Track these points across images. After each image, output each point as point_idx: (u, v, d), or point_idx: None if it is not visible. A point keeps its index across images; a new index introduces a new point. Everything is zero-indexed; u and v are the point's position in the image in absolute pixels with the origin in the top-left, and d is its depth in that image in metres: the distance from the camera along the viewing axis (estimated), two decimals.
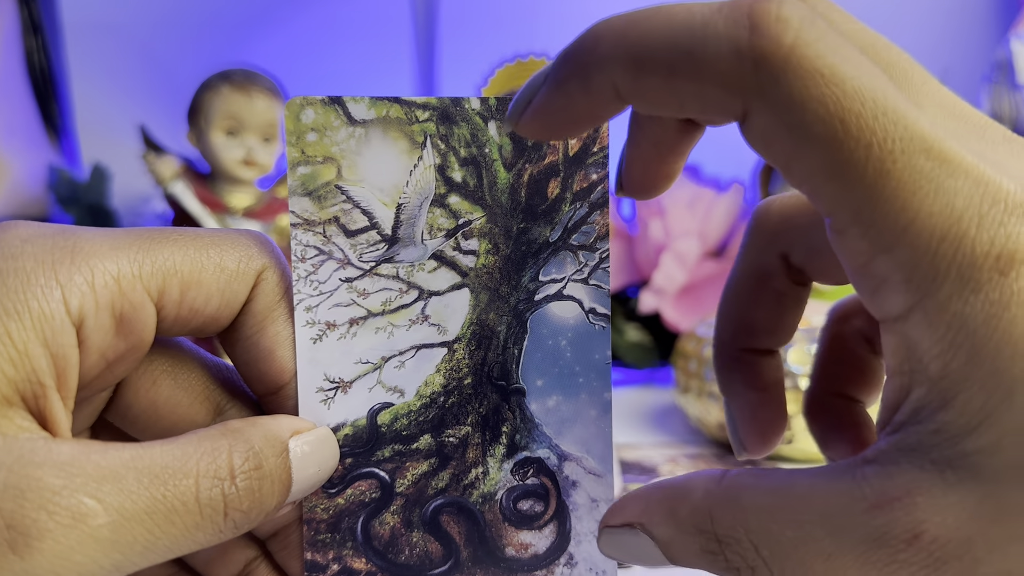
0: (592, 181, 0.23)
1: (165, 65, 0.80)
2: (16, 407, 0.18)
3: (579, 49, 0.19)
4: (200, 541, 0.19)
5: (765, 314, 0.25)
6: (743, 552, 0.19)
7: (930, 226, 0.16)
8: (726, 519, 0.19)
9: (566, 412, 0.24)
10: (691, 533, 0.19)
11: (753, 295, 0.25)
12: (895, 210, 0.16)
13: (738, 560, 0.19)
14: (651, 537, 0.20)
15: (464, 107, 0.23)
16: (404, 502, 0.23)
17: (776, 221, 0.24)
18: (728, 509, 0.19)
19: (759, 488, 0.19)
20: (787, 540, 0.18)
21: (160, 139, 0.63)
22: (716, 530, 0.19)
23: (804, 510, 0.18)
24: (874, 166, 0.16)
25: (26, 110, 0.78)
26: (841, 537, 0.17)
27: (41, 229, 0.20)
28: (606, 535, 0.21)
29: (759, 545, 0.18)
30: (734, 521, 0.19)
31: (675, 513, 0.20)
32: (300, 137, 0.22)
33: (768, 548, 0.18)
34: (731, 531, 0.19)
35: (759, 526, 0.18)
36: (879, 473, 0.17)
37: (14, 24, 0.76)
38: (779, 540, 0.18)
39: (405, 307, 0.23)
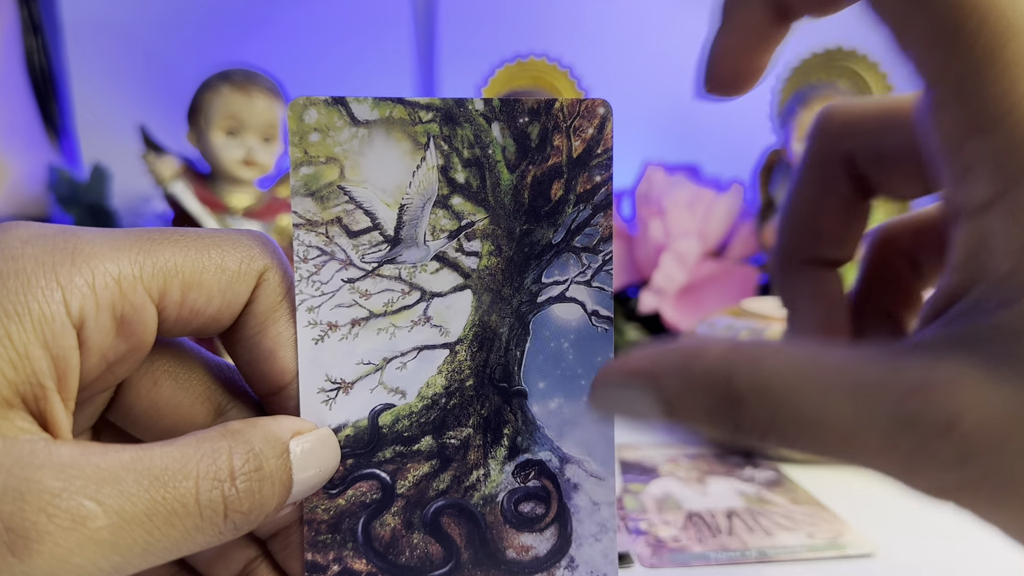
0: (596, 183, 0.23)
1: (165, 65, 0.80)
2: (16, 409, 0.18)
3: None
4: (200, 543, 0.19)
5: (829, 222, 0.24)
6: (757, 416, 0.18)
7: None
8: (745, 381, 0.18)
9: (568, 414, 0.24)
10: (703, 391, 0.18)
11: (817, 201, 0.24)
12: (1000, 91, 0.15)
13: (750, 424, 0.18)
14: (657, 391, 0.19)
15: (468, 108, 0.23)
16: (405, 503, 0.23)
17: (841, 123, 0.23)
18: (749, 370, 0.18)
19: (785, 353, 0.18)
20: (809, 410, 0.17)
21: (160, 139, 0.63)
22: (732, 391, 0.18)
23: (833, 382, 0.17)
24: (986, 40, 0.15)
25: (26, 110, 0.77)
26: (869, 416, 0.16)
27: (41, 230, 0.20)
28: (601, 389, 0.20)
29: (776, 410, 0.17)
30: (754, 384, 0.18)
31: (688, 370, 0.19)
32: (303, 137, 0.22)
33: (786, 414, 0.17)
34: (749, 394, 0.18)
35: (781, 391, 0.17)
36: (923, 359, 0.16)
37: (14, 24, 0.76)
38: (800, 409, 0.17)
39: (407, 308, 0.23)
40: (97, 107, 0.80)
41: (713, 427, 0.18)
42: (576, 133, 0.23)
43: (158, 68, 0.80)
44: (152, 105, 0.78)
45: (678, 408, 0.19)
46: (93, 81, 0.80)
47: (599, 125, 0.23)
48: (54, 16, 0.79)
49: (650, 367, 0.19)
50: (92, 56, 0.80)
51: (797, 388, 0.17)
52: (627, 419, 0.20)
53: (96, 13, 0.79)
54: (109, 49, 0.80)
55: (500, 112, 0.23)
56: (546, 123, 0.23)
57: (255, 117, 0.60)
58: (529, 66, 0.73)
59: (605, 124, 0.23)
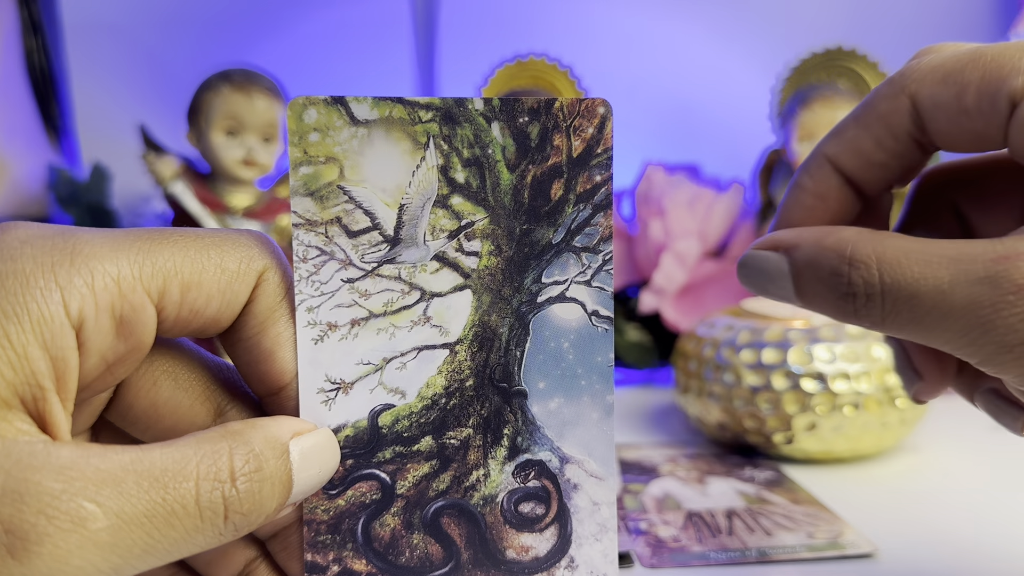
0: (596, 183, 0.23)
1: (165, 65, 0.80)
2: (15, 410, 0.18)
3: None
4: (200, 544, 0.19)
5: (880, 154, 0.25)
6: (867, 275, 0.21)
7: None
8: (865, 247, 0.22)
9: (568, 415, 0.24)
10: (828, 256, 0.22)
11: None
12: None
13: (859, 283, 0.22)
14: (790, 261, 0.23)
15: (467, 108, 0.23)
16: (405, 504, 0.23)
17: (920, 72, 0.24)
18: (870, 241, 0.22)
19: (904, 237, 0.22)
20: (911, 273, 0.21)
21: (160, 139, 0.63)
22: (852, 253, 0.22)
23: (936, 253, 0.21)
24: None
25: (26, 110, 0.77)
26: (960, 276, 0.20)
27: (40, 230, 0.20)
28: (750, 254, 0.25)
29: (883, 272, 0.21)
30: (871, 250, 0.21)
31: (822, 240, 0.23)
32: (303, 137, 0.22)
33: (891, 276, 0.21)
34: (865, 257, 0.21)
35: (892, 257, 0.21)
36: (1016, 236, 0.20)
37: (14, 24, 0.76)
38: (904, 272, 0.21)
39: (407, 308, 0.23)
40: (97, 107, 0.80)
41: (828, 290, 0.22)
42: (576, 133, 0.23)
43: (158, 68, 0.80)
44: (152, 105, 0.78)
45: (804, 274, 0.23)
46: (93, 81, 0.80)
47: (599, 125, 0.23)
48: (54, 16, 0.79)
49: (791, 238, 0.23)
50: (92, 56, 0.80)
51: (906, 257, 0.21)
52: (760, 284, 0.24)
53: (96, 13, 0.79)
54: (109, 49, 0.80)
55: (500, 112, 0.23)
56: (546, 123, 0.23)
57: (255, 117, 0.60)
58: (529, 66, 0.73)
59: (605, 124, 0.23)
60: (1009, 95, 0.21)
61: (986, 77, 0.22)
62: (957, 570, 0.34)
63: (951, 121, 0.23)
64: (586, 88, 0.75)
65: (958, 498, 0.43)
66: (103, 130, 0.80)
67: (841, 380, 0.47)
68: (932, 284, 0.20)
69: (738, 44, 0.86)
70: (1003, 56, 0.22)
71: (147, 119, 0.65)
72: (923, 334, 0.21)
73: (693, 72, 0.86)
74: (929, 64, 0.23)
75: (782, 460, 0.49)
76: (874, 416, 0.47)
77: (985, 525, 0.39)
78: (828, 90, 0.64)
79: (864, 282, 0.21)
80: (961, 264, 0.20)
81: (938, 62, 0.23)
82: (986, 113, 0.22)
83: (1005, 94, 0.21)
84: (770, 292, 0.24)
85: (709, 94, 0.85)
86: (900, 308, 0.21)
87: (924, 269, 0.21)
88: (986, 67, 0.22)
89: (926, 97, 0.23)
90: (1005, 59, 0.22)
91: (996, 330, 0.20)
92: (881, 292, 0.21)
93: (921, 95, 0.23)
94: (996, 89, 0.21)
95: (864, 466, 0.48)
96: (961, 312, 0.20)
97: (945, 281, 0.20)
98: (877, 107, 0.24)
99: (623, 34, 0.85)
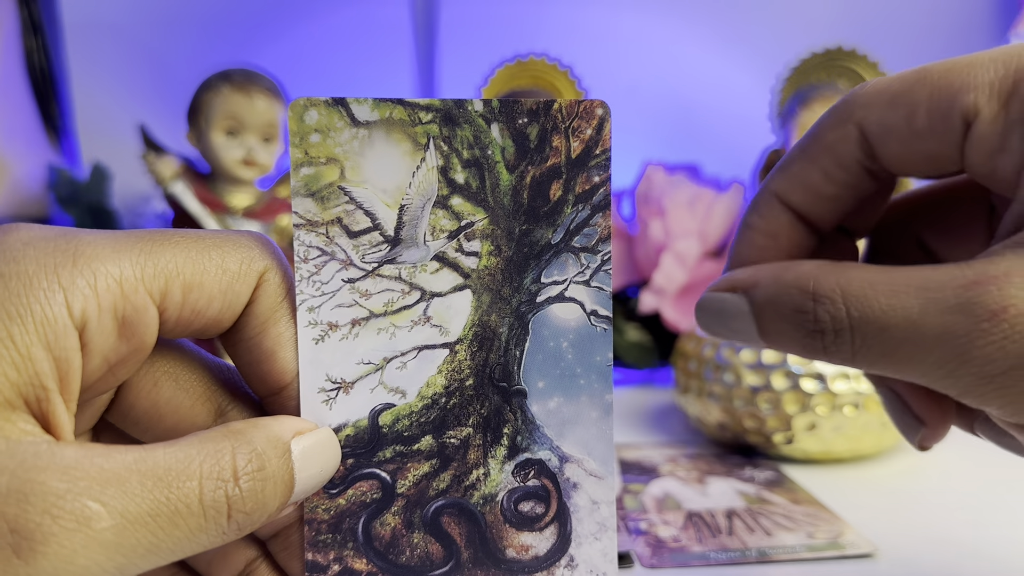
0: (594, 183, 0.23)
1: (165, 65, 0.80)
2: (19, 411, 0.18)
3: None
4: (204, 543, 0.19)
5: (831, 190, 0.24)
6: (834, 311, 0.20)
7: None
8: (828, 281, 0.21)
9: (567, 414, 0.24)
10: (790, 292, 0.21)
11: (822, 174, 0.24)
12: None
13: (826, 319, 0.21)
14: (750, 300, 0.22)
15: (467, 109, 0.23)
16: (405, 503, 0.23)
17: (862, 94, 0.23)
18: (832, 274, 0.21)
19: (867, 267, 0.21)
20: (878, 305, 0.20)
21: (160, 139, 0.63)
22: (815, 288, 0.21)
23: (903, 282, 0.20)
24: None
25: (26, 110, 0.77)
26: (931, 305, 0.19)
27: (42, 232, 0.20)
28: (707, 297, 0.24)
29: (850, 306, 0.20)
30: (835, 283, 0.21)
31: (781, 276, 0.22)
32: (304, 138, 0.22)
33: (858, 310, 0.20)
34: (829, 292, 0.21)
35: (857, 290, 0.20)
36: (984, 259, 0.19)
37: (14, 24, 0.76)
38: (871, 304, 0.20)
39: (407, 308, 0.23)
40: (97, 107, 0.80)
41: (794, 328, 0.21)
42: (575, 134, 0.23)
43: (158, 68, 0.80)
44: (152, 105, 0.78)
45: (766, 314, 0.22)
46: (93, 81, 0.80)
47: (597, 126, 0.23)
48: (54, 16, 0.79)
49: (748, 276, 0.23)
50: (92, 56, 0.80)
51: (872, 288, 0.20)
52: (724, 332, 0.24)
53: (96, 13, 0.79)
54: (109, 49, 0.80)
55: (499, 113, 0.23)
56: (545, 124, 0.23)
57: (255, 117, 0.60)
58: (529, 66, 0.73)
59: (603, 125, 0.23)
60: (962, 113, 0.21)
61: (935, 95, 0.21)
62: (957, 570, 0.34)
63: (903, 144, 0.22)
64: (586, 88, 0.75)
65: (958, 498, 0.43)
66: (103, 130, 0.80)
67: (841, 380, 0.47)
68: (901, 315, 0.19)
69: (738, 44, 0.86)
70: (951, 73, 0.21)
71: (147, 119, 0.65)
72: (897, 368, 0.20)
73: (693, 72, 0.86)
74: (874, 88, 0.22)
75: (782, 460, 0.50)
76: (874, 416, 0.47)
77: (985, 525, 0.39)
78: (828, 90, 0.65)
79: (831, 317, 0.20)
80: (930, 292, 0.19)
81: (883, 85, 0.22)
82: (939, 133, 0.21)
83: (958, 112, 0.21)
84: (732, 335, 0.23)
85: (709, 94, 0.86)
86: (871, 343, 0.20)
87: (892, 300, 0.20)
88: (934, 85, 0.21)
89: (874, 122, 0.22)
90: (954, 76, 0.21)
91: (973, 361, 0.19)
92: (850, 327, 0.20)
93: (869, 121, 0.22)
94: (948, 107, 0.21)
95: (864, 466, 0.49)
96: (934, 343, 0.19)
97: (915, 311, 0.19)
98: (823, 138, 0.23)
99: (623, 34, 0.86)
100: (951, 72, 0.21)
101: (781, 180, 0.24)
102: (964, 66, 0.21)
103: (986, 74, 0.20)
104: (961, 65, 0.21)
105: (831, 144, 0.23)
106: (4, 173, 0.73)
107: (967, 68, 0.21)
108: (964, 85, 0.21)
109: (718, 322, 0.23)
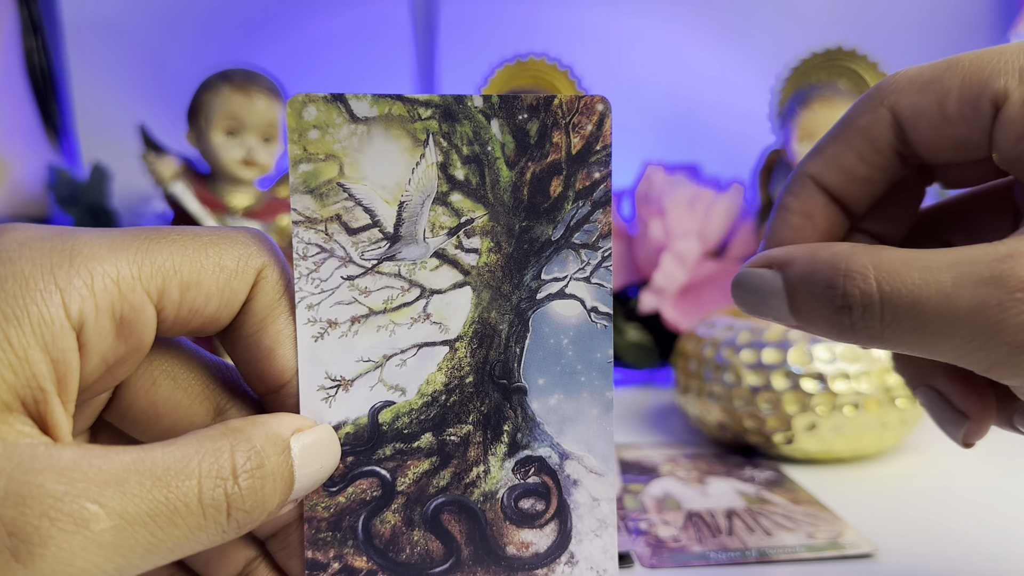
0: (595, 179, 0.23)
1: (165, 65, 0.80)
2: (16, 413, 0.18)
3: None
4: (203, 542, 0.19)
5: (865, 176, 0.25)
6: (864, 285, 0.21)
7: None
8: (861, 258, 0.21)
9: (568, 411, 0.24)
10: (822, 268, 0.21)
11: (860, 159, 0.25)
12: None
13: (855, 293, 0.21)
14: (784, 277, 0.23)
15: (467, 105, 0.23)
16: (405, 500, 0.23)
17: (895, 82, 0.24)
18: (866, 253, 0.21)
19: (900, 249, 0.21)
20: (911, 280, 0.20)
21: (160, 139, 0.63)
22: (847, 265, 0.21)
23: (935, 259, 0.20)
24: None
25: (26, 110, 0.77)
26: (963, 279, 0.19)
27: (38, 232, 0.20)
28: (744, 272, 0.24)
29: (881, 280, 0.20)
30: (867, 260, 0.21)
31: (816, 254, 0.22)
32: (302, 134, 0.22)
33: (889, 284, 0.20)
34: (861, 267, 0.21)
35: (889, 265, 0.20)
36: (1017, 236, 0.20)
37: (14, 24, 0.76)
38: (903, 279, 0.20)
39: (407, 305, 0.23)
40: (97, 107, 0.80)
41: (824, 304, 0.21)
42: (575, 130, 0.23)
43: (158, 68, 0.80)
44: (152, 105, 0.78)
45: (799, 290, 0.22)
46: (93, 81, 0.80)
47: (598, 122, 0.23)
48: (54, 16, 0.79)
49: (785, 254, 0.23)
50: (92, 56, 0.80)
51: (904, 265, 0.20)
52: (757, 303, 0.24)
53: (96, 13, 0.79)
54: (109, 49, 0.80)
55: (499, 109, 0.23)
56: (545, 120, 0.23)
57: (255, 117, 0.60)
58: (529, 66, 0.73)
59: (604, 121, 0.23)
60: (992, 97, 0.21)
61: (967, 81, 0.22)
62: (957, 570, 0.34)
63: (933, 129, 0.23)
64: (586, 88, 0.75)
65: (958, 498, 0.43)
66: (103, 130, 0.80)
67: (841, 380, 0.47)
68: (935, 288, 0.20)
69: (738, 44, 0.86)
70: (981, 60, 0.22)
71: (147, 119, 0.65)
72: (927, 343, 0.21)
73: (693, 72, 0.86)
74: (906, 75, 0.23)
75: (782, 460, 0.49)
76: (874, 416, 0.47)
77: (985, 525, 0.39)
78: (828, 90, 0.64)
79: (860, 292, 0.21)
80: (963, 267, 0.20)
81: (915, 73, 0.23)
82: (969, 118, 0.22)
83: (988, 96, 0.21)
84: (765, 312, 0.24)
85: (709, 94, 0.86)
86: (900, 317, 0.20)
87: (925, 275, 0.20)
88: (965, 72, 0.22)
89: (906, 107, 0.23)
90: (983, 63, 0.22)
91: (1007, 331, 0.19)
92: (880, 301, 0.20)
93: (901, 105, 0.23)
94: (978, 92, 0.21)
95: (864, 466, 0.48)
96: (967, 315, 0.19)
97: (948, 284, 0.20)
98: (857, 121, 0.24)
99: (623, 34, 0.86)
100: (980, 59, 0.22)
101: (816, 162, 0.25)
102: (993, 54, 0.22)
103: (1016, 60, 0.21)
104: (990, 53, 0.22)
105: (864, 127, 0.24)
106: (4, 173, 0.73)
107: (997, 55, 0.22)
108: (994, 71, 0.21)
109: (753, 297, 0.24)
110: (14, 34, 0.76)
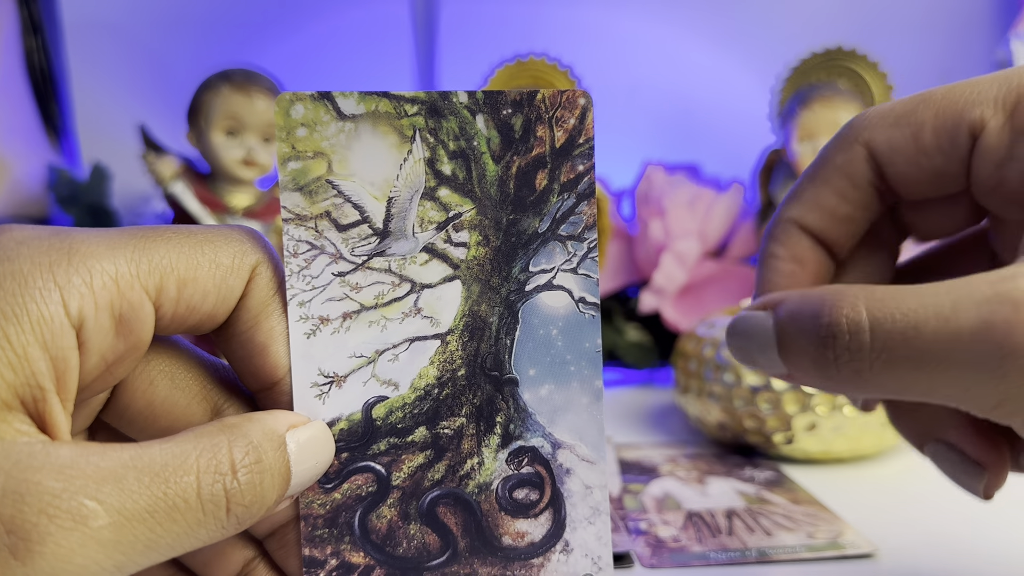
0: (579, 172, 0.23)
1: (165, 65, 0.80)
2: (15, 411, 0.18)
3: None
4: (202, 538, 0.19)
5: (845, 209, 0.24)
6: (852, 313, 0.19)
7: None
8: (850, 289, 0.20)
9: (558, 400, 0.24)
10: (811, 303, 0.20)
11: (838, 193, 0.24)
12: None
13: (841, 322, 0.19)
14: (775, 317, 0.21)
15: (452, 101, 0.23)
16: (401, 495, 0.23)
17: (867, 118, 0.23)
18: (858, 287, 0.20)
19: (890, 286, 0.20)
20: (905, 306, 0.18)
21: (160, 139, 0.63)
22: (836, 297, 0.20)
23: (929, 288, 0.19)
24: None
25: (26, 110, 0.78)
26: (964, 300, 0.18)
27: (36, 231, 0.20)
28: (739, 317, 0.23)
29: (872, 308, 0.19)
30: (857, 290, 0.19)
31: (806, 292, 0.21)
32: (290, 132, 0.22)
33: (881, 311, 0.19)
34: (850, 296, 0.19)
35: (881, 295, 0.19)
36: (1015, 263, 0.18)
37: (14, 24, 0.76)
38: (896, 305, 0.19)
39: (398, 300, 0.23)
40: (97, 107, 0.80)
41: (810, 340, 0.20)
42: (558, 124, 0.23)
43: (158, 68, 0.80)
44: (152, 105, 0.78)
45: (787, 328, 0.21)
46: (93, 81, 0.80)
47: (580, 115, 0.23)
48: (54, 16, 0.79)
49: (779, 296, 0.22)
50: (92, 56, 0.80)
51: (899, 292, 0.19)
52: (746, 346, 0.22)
53: (96, 13, 0.79)
54: (109, 49, 0.80)
55: (484, 104, 0.23)
56: (529, 114, 0.23)
57: (255, 117, 0.60)
58: (529, 66, 0.73)
59: (586, 114, 0.23)
60: (969, 127, 0.21)
61: (941, 114, 0.21)
62: (957, 570, 0.34)
63: (910, 163, 0.22)
64: (586, 88, 0.75)
65: (958, 498, 0.43)
66: (103, 130, 0.80)
67: None
68: (932, 311, 0.18)
69: (738, 44, 0.86)
70: (953, 93, 0.21)
71: (147, 119, 0.66)
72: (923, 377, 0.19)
73: (693, 72, 0.86)
74: (878, 112, 0.23)
75: (782, 460, 0.49)
76: (874, 416, 0.47)
77: (984, 525, 0.39)
78: (828, 90, 0.64)
79: (848, 320, 0.19)
80: (961, 290, 0.18)
81: (887, 108, 0.23)
82: (946, 149, 0.22)
83: (965, 127, 0.21)
84: (757, 357, 0.22)
85: (709, 94, 0.86)
86: (893, 346, 0.18)
87: (920, 299, 0.18)
88: (938, 104, 0.22)
89: (881, 142, 0.22)
90: (956, 95, 0.21)
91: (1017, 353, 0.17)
92: (869, 329, 0.19)
93: (876, 140, 0.23)
94: (955, 124, 0.21)
95: (864, 466, 0.48)
96: (970, 338, 0.18)
97: (947, 307, 0.18)
98: (833, 160, 0.23)
99: (623, 34, 0.86)
100: (953, 92, 0.22)
101: (796, 206, 0.24)
102: (967, 86, 0.21)
103: (990, 90, 0.21)
104: (963, 86, 0.22)
105: (841, 164, 0.23)
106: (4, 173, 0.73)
107: (971, 87, 0.21)
108: (969, 101, 0.21)
109: (747, 342, 0.22)
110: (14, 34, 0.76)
